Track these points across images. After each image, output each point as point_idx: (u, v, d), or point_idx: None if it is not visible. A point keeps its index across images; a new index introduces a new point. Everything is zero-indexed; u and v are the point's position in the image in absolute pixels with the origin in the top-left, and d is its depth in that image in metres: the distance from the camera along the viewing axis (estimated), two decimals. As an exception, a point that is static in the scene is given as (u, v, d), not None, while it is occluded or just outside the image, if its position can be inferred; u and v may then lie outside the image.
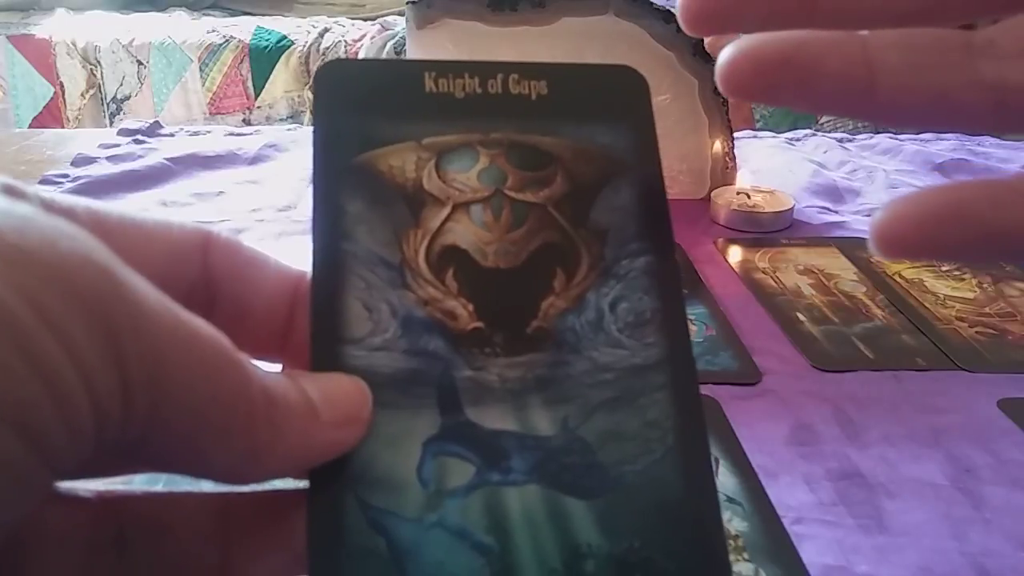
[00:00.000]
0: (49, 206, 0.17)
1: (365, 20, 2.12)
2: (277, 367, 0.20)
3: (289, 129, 0.89)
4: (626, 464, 0.18)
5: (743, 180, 0.68)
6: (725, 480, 0.36)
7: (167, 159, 0.75)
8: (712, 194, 0.66)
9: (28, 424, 0.13)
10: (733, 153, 0.68)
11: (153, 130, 0.83)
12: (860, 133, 0.89)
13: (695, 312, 0.51)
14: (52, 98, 2.00)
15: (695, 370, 0.19)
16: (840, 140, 0.85)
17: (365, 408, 0.18)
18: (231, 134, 0.84)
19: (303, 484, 0.18)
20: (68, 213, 0.17)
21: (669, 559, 0.17)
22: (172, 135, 0.83)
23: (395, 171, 0.20)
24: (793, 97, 0.19)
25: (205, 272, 0.19)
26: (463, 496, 0.17)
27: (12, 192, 0.16)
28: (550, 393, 0.19)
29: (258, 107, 1.97)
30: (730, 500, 0.35)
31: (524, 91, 0.21)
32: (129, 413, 0.14)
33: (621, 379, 0.19)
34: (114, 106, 1.99)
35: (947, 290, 0.55)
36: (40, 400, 0.13)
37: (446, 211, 0.20)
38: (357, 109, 0.20)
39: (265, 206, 0.68)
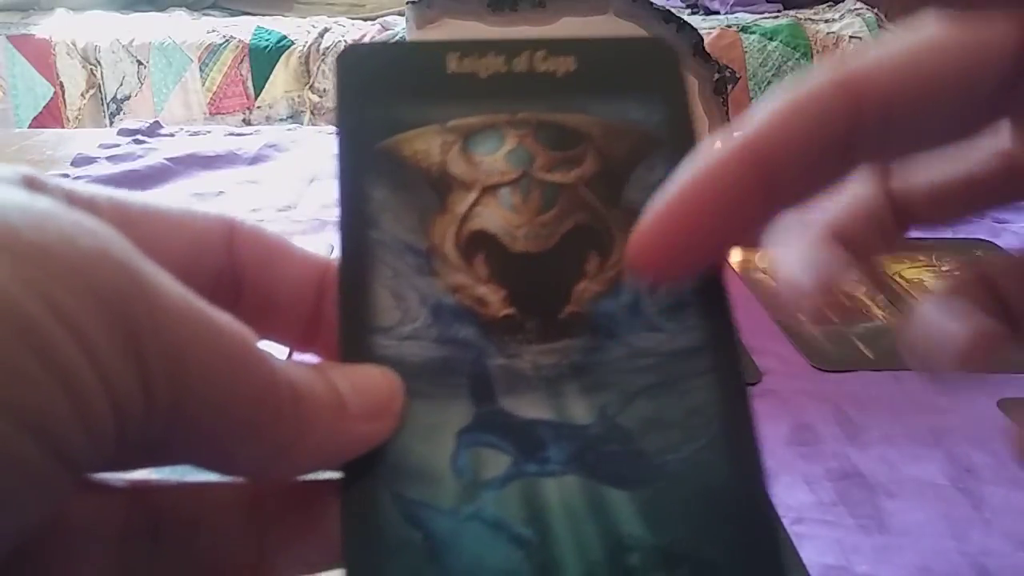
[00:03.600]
0: (71, 196, 0.17)
1: (365, 20, 2.12)
2: (305, 359, 0.20)
3: (289, 129, 0.89)
4: (669, 452, 0.17)
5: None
6: (725, 480, 0.36)
7: (167, 159, 0.75)
8: (712, 194, 0.66)
9: (45, 427, 0.12)
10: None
11: (153, 130, 0.83)
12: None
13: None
14: (52, 98, 2.00)
15: (739, 353, 0.19)
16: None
17: (396, 400, 0.17)
18: (231, 134, 0.84)
19: (338, 474, 0.17)
20: (90, 203, 0.17)
21: (717, 550, 0.17)
22: (172, 135, 0.83)
23: (420, 155, 0.19)
24: None
25: (231, 261, 0.19)
26: (499, 487, 0.17)
27: (33, 184, 0.16)
28: (587, 380, 0.18)
29: (258, 107, 1.97)
30: (730, 500, 0.35)
31: (551, 68, 0.20)
32: (150, 413, 0.14)
33: (661, 364, 0.18)
34: (114, 106, 1.99)
35: (947, 290, 0.55)
36: (57, 403, 0.12)
37: (473, 195, 0.19)
38: (380, 93, 0.20)
39: (265, 206, 0.68)
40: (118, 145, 0.78)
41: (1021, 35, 0.17)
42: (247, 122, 1.96)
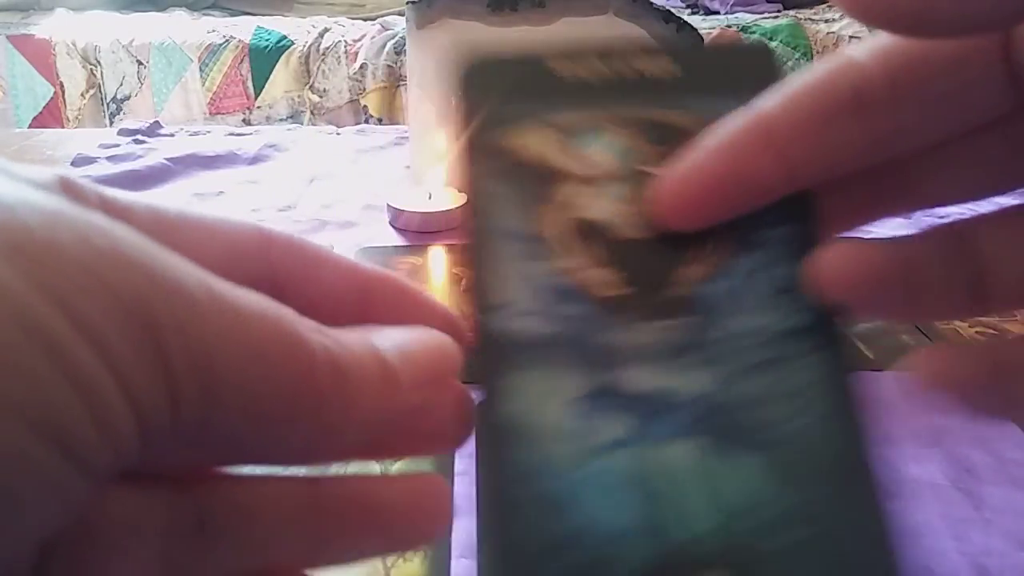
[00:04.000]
0: (107, 202, 0.16)
1: (365, 20, 2.12)
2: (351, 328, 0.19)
3: (289, 129, 0.89)
4: (782, 423, 0.18)
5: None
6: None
7: (167, 159, 0.75)
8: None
9: (62, 436, 0.12)
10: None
11: (153, 130, 0.83)
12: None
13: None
14: (52, 98, 2.00)
15: (843, 334, 0.19)
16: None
17: (450, 361, 0.17)
18: (231, 134, 0.84)
19: (394, 468, 0.17)
20: (127, 209, 0.17)
21: (834, 514, 0.18)
22: (172, 135, 0.83)
23: (533, 152, 0.21)
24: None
25: (269, 271, 0.19)
26: (618, 449, 0.18)
27: (69, 187, 0.15)
28: (697, 357, 0.19)
29: (258, 107, 1.97)
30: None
31: (656, 73, 0.22)
32: (178, 415, 0.13)
33: (767, 344, 0.19)
34: (114, 106, 2.00)
35: (947, 290, 0.55)
36: (74, 410, 0.12)
37: (583, 188, 0.21)
38: (498, 97, 0.22)
39: (265, 206, 0.68)
40: (118, 145, 0.79)
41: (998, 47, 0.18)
42: (247, 122, 1.96)
